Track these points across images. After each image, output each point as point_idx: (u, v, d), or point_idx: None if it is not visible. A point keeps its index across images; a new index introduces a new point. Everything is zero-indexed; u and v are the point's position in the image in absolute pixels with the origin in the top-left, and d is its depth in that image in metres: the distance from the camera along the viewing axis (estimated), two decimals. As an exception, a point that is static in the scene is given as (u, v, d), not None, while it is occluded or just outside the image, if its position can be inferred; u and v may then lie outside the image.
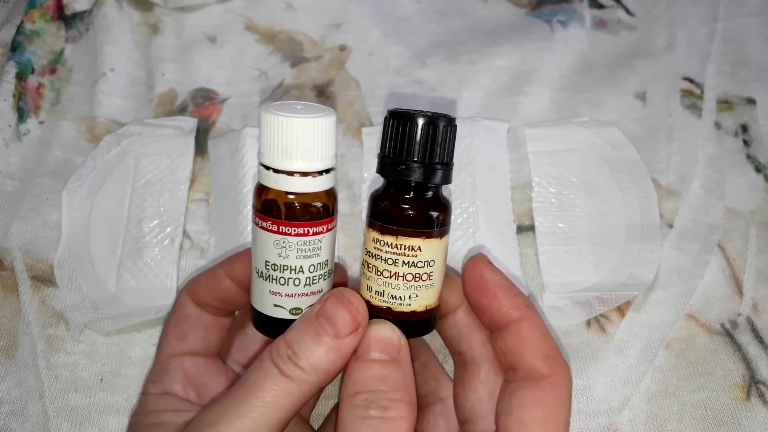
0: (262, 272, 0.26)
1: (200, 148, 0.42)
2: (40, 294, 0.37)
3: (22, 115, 0.42)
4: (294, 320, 0.26)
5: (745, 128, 0.41)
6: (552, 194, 0.39)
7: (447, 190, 0.38)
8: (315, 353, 0.24)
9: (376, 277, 0.26)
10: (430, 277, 0.26)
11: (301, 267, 0.26)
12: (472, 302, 0.27)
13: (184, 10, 0.48)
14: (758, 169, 0.40)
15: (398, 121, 0.25)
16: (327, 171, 0.26)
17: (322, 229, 0.26)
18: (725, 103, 0.42)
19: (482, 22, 0.47)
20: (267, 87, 0.44)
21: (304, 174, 0.25)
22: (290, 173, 0.25)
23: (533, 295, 0.36)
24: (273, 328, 0.27)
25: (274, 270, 0.26)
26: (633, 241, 0.37)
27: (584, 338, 0.35)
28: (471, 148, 0.39)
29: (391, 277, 0.25)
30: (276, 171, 0.25)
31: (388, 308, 0.26)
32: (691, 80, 0.43)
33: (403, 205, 0.26)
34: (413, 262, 0.25)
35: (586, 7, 0.47)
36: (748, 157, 0.40)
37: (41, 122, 0.43)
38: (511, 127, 0.41)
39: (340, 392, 0.25)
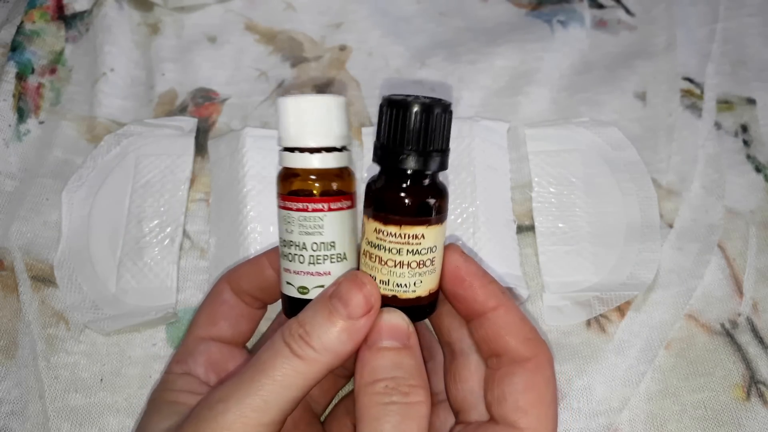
0: (280, 251, 0.27)
1: (200, 148, 0.42)
2: (40, 294, 0.37)
3: (22, 115, 0.42)
4: (301, 299, 0.26)
5: (745, 128, 0.41)
6: (552, 194, 0.39)
7: (448, 189, 0.38)
8: (327, 333, 0.24)
9: (380, 266, 0.26)
10: (432, 263, 0.26)
11: (303, 243, 0.26)
12: (449, 293, 0.28)
13: (184, 10, 0.48)
14: (758, 169, 0.40)
15: (393, 109, 0.25)
16: (328, 150, 0.26)
17: (322, 207, 0.26)
18: (725, 103, 0.42)
19: (482, 22, 0.47)
20: (267, 87, 0.45)
21: (291, 150, 0.26)
22: (290, 149, 0.27)
23: (533, 295, 0.36)
24: (286, 306, 0.28)
25: (284, 246, 0.27)
26: (633, 241, 0.37)
27: (584, 338, 0.35)
28: (471, 148, 0.39)
29: (395, 266, 0.25)
30: (284, 149, 0.27)
31: (394, 296, 0.26)
32: (691, 80, 0.43)
33: (404, 195, 0.25)
34: (417, 249, 0.25)
35: (586, 7, 0.47)
36: (748, 157, 0.40)
37: (41, 122, 0.43)
38: (511, 127, 0.41)
39: (355, 383, 0.25)
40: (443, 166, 0.26)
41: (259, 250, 0.36)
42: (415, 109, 0.25)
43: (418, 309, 0.26)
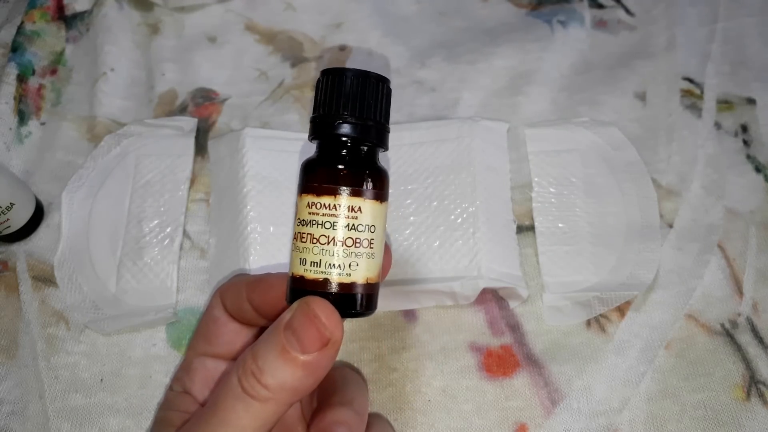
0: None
1: (200, 148, 0.42)
2: (40, 294, 0.37)
3: (23, 117, 0.42)
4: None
5: (745, 128, 0.41)
6: (552, 194, 0.39)
7: (448, 190, 0.38)
8: (280, 370, 0.22)
9: (311, 246, 0.23)
10: (372, 245, 0.24)
11: None
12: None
13: (184, 10, 0.48)
14: (758, 169, 0.40)
15: (329, 77, 0.24)
16: None
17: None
18: (725, 103, 0.42)
19: (482, 22, 0.47)
20: (267, 87, 0.45)
21: None
22: None
23: (533, 295, 0.36)
24: None
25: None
26: (633, 241, 0.37)
27: (584, 338, 0.35)
28: (471, 148, 0.39)
29: (328, 243, 0.23)
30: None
31: (326, 279, 0.23)
32: (691, 80, 0.43)
33: (339, 163, 0.24)
34: (353, 224, 0.24)
35: (586, 7, 0.47)
36: (748, 157, 0.40)
37: (42, 123, 0.43)
38: (511, 127, 0.41)
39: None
40: (381, 141, 0.25)
41: (259, 250, 0.36)
42: (350, 74, 0.24)
43: (350, 299, 0.24)
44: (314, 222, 0.24)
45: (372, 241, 0.24)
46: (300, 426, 0.28)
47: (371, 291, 0.25)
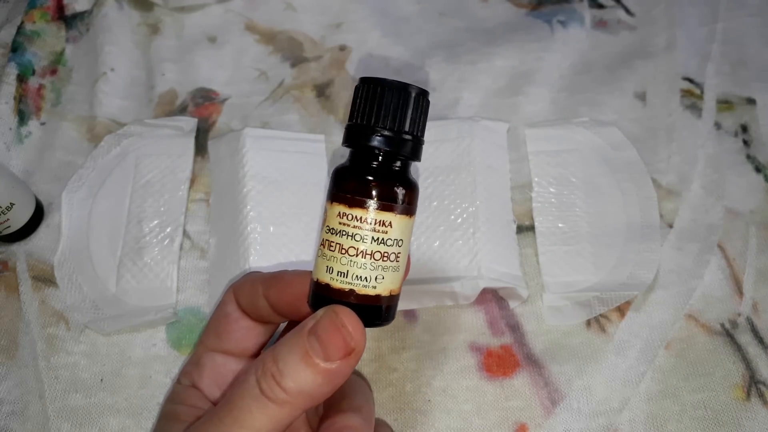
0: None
1: (200, 148, 0.42)
2: (40, 294, 0.37)
3: (23, 117, 0.42)
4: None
5: (745, 128, 0.41)
6: (552, 194, 0.39)
7: (448, 190, 0.38)
8: (301, 375, 0.22)
9: (339, 256, 0.24)
10: (398, 258, 0.24)
11: None
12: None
13: (184, 10, 0.48)
14: (758, 169, 0.40)
15: (369, 86, 0.24)
16: None
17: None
18: (725, 103, 0.42)
19: (482, 22, 0.47)
20: (267, 87, 0.45)
21: None
22: None
23: (533, 295, 0.36)
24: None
25: None
26: (633, 241, 0.37)
27: (584, 338, 0.35)
28: (471, 148, 0.39)
29: (357, 255, 0.23)
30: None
31: (351, 290, 0.24)
32: (691, 80, 0.43)
33: (372, 176, 0.24)
34: (383, 239, 0.24)
35: (586, 7, 0.47)
36: (748, 157, 0.40)
37: (42, 123, 0.43)
38: (511, 127, 0.41)
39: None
40: (415, 154, 0.25)
41: (259, 250, 0.36)
42: (390, 86, 0.24)
43: (374, 310, 0.24)
44: (344, 233, 0.24)
45: (399, 255, 0.24)
46: (303, 430, 0.28)
47: (393, 302, 0.25)
